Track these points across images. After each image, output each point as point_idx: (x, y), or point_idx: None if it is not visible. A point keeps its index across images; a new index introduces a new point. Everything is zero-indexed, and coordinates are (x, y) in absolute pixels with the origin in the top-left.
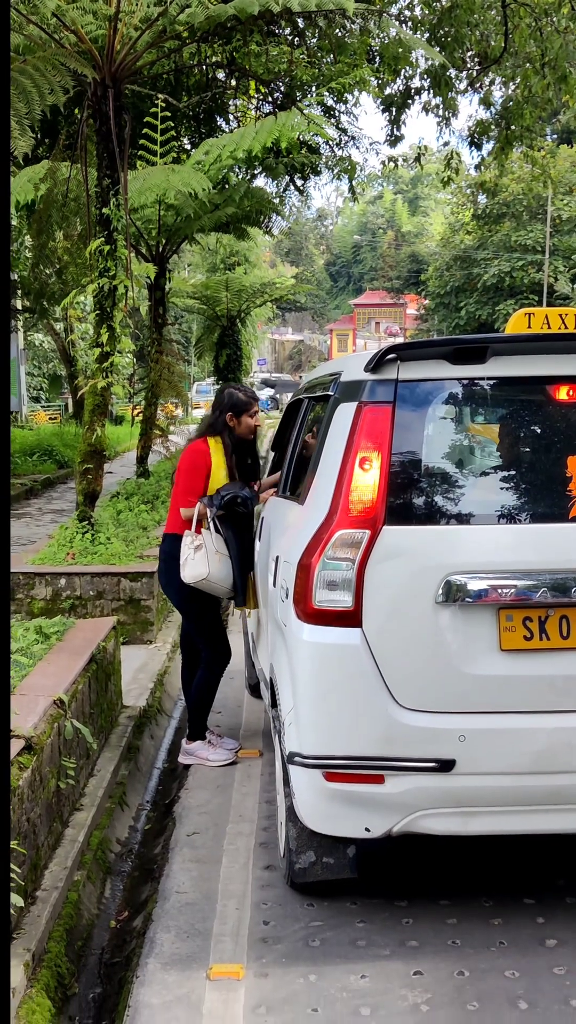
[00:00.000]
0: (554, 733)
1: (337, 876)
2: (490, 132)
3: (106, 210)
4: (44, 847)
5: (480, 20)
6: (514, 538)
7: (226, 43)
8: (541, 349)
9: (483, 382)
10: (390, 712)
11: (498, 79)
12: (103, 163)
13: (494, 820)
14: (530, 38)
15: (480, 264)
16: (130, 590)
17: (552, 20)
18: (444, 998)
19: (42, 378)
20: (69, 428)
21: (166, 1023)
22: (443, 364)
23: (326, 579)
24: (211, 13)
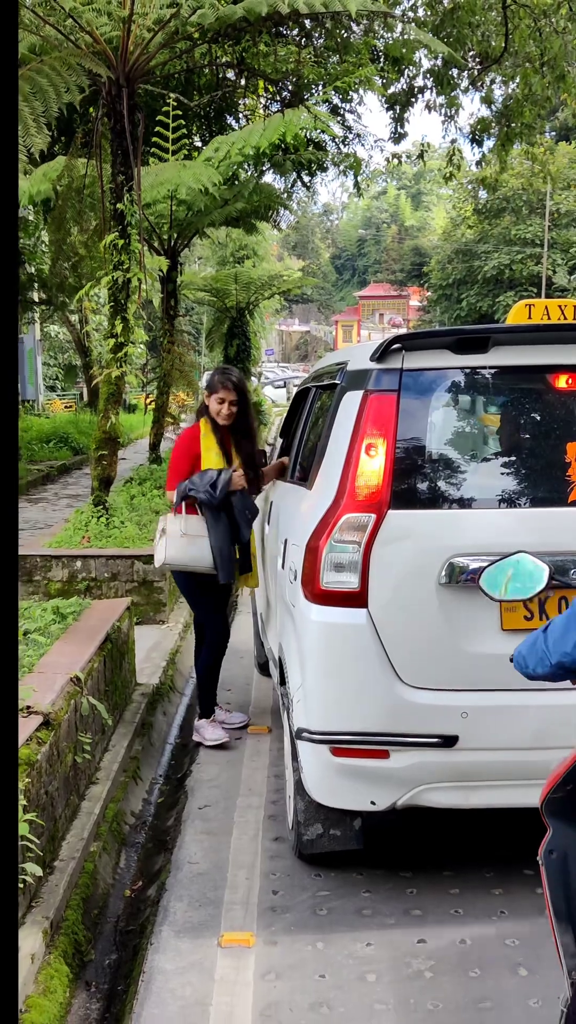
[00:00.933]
0: (553, 710)
1: (343, 848)
2: (491, 129)
3: (120, 205)
4: (61, 819)
5: (481, 21)
6: (515, 522)
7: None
8: (541, 339)
9: (485, 371)
10: (395, 689)
11: (498, 78)
12: (117, 160)
13: (495, 794)
14: (529, 38)
15: (481, 257)
16: (143, 572)
17: (551, 21)
18: (447, 965)
19: (58, 368)
20: (84, 416)
21: (179, 988)
22: (446, 353)
23: (333, 561)
24: (221, 14)
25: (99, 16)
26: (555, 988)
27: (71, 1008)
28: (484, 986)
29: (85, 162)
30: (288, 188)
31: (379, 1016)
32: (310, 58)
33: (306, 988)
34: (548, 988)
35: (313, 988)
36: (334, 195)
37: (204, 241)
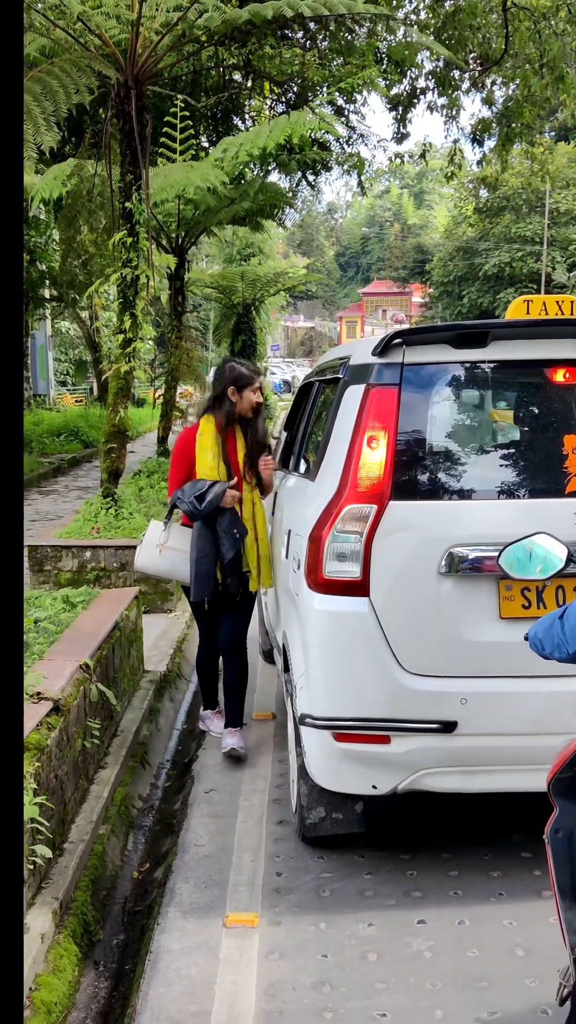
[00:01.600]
0: (550, 697)
1: (346, 831)
2: (491, 130)
3: (129, 204)
4: (71, 802)
5: (482, 23)
6: (513, 512)
7: (242, 46)
8: (539, 334)
9: (484, 365)
10: (396, 676)
11: (499, 79)
12: (126, 160)
13: (494, 778)
14: (529, 40)
15: (481, 255)
16: None
17: (550, 23)
18: (446, 945)
19: (68, 363)
20: (94, 410)
21: (185, 967)
22: (446, 348)
23: (335, 551)
24: (227, 17)
25: (108, 19)
26: (551, 968)
27: (80, 986)
28: (482, 966)
29: (94, 162)
30: (293, 187)
31: (380, 995)
32: (315, 60)
33: (309, 967)
34: (544, 968)
35: (316, 967)
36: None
37: (211, 239)
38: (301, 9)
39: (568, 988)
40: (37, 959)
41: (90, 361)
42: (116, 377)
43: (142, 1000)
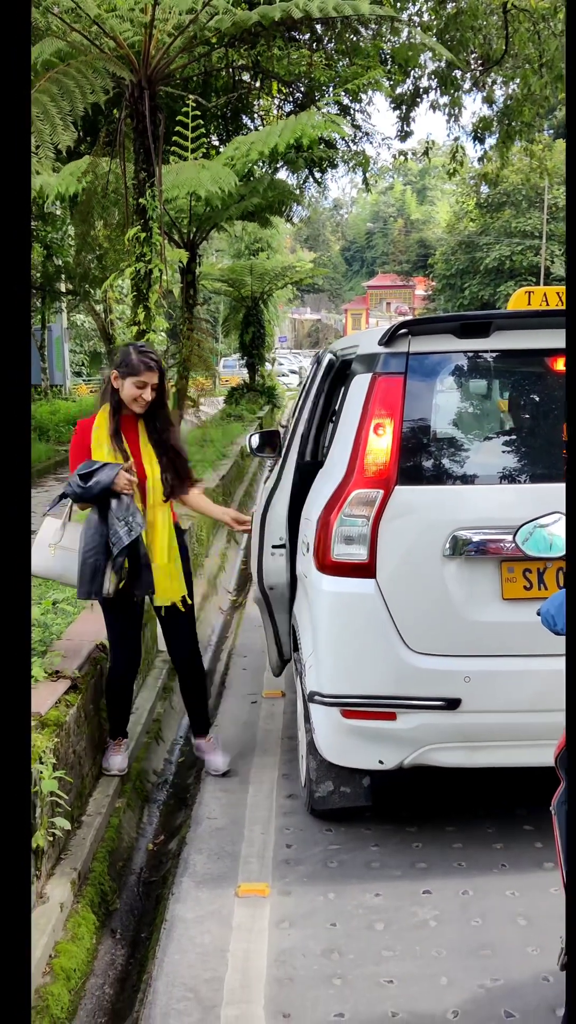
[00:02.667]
0: (551, 675)
1: (353, 804)
2: (492, 128)
3: (142, 201)
4: (88, 777)
5: (483, 25)
6: (515, 497)
7: (251, 48)
8: (540, 324)
9: (487, 354)
10: (401, 655)
11: (499, 79)
12: (140, 158)
13: (497, 754)
14: (529, 41)
15: (483, 249)
16: None
17: (549, 24)
18: (450, 914)
19: (84, 355)
20: None
21: (199, 935)
22: (450, 338)
23: (343, 534)
24: (237, 19)
25: (123, 22)
26: (552, 936)
27: (98, 954)
28: (486, 934)
29: (109, 160)
30: (300, 184)
31: (387, 962)
32: (321, 61)
33: (318, 935)
34: (546, 936)
35: (325, 935)
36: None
37: (221, 234)
38: (309, 10)
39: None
40: (56, 927)
41: (104, 353)
42: None
43: (158, 967)
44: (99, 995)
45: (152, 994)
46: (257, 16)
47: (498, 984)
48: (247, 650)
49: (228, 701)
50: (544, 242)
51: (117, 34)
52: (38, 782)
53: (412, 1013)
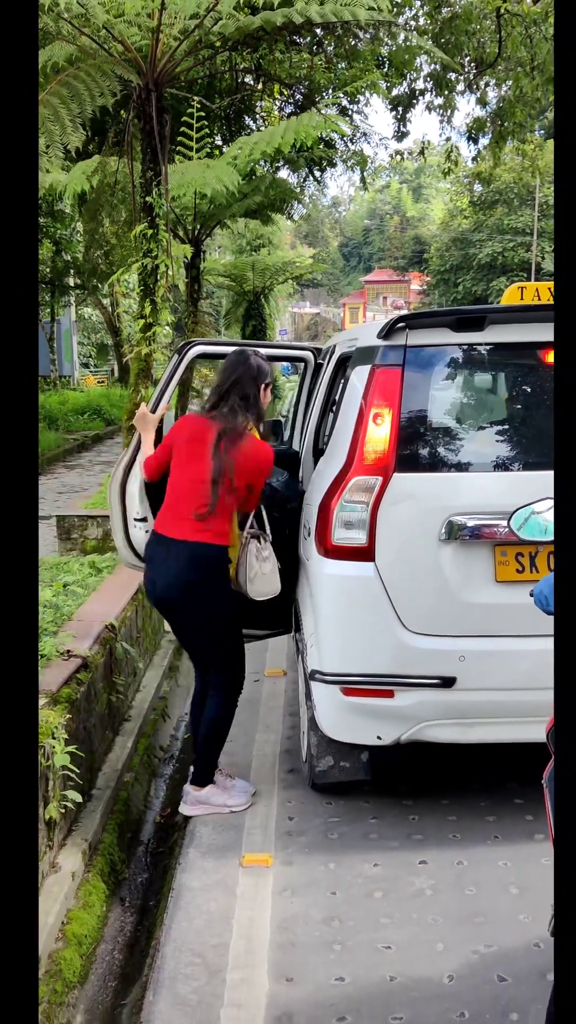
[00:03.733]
0: (542, 654)
1: (352, 778)
2: (485, 128)
3: (149, 199)
4: (98, 752)
5: (477, 29)
6: (508, 484)
7: (254, 51)
8: (532, 318)
9: (481, 347)
10: (399, 635)
11: (492, 81)
12: (146, 157)
13: (491, 730)
14: (521, 45)
15: (476, 245)
16: None
17: (540, 29)
18: (446, 884)
19: (91, 347)
20: (115, 390)
21: (205, 903)
22: (446, 332)
23: (343, 519)
24: (240, 24)
25: (130, 27)
26: (543, 904)
27: (108, 921)
28: (479, 903)
29: (117, 160)
30: (301, 183)
31: (384, 929)
32: (321, 64)
33: (319, 903)
34: (537, 905)
35: (325, 903)
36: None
37: (225, 231)
38: (310, 14)
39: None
40: (68, 895)
41: (111, 345)
42: (137, 359)
43: (165, 933)
44: (109, 960)
45: (160, 959)
46: (260, 21)
47: (491, 950)
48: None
49: None
50: (535, 239)
51: (125, 38)
52: (51, 756)
53: (409, 977)
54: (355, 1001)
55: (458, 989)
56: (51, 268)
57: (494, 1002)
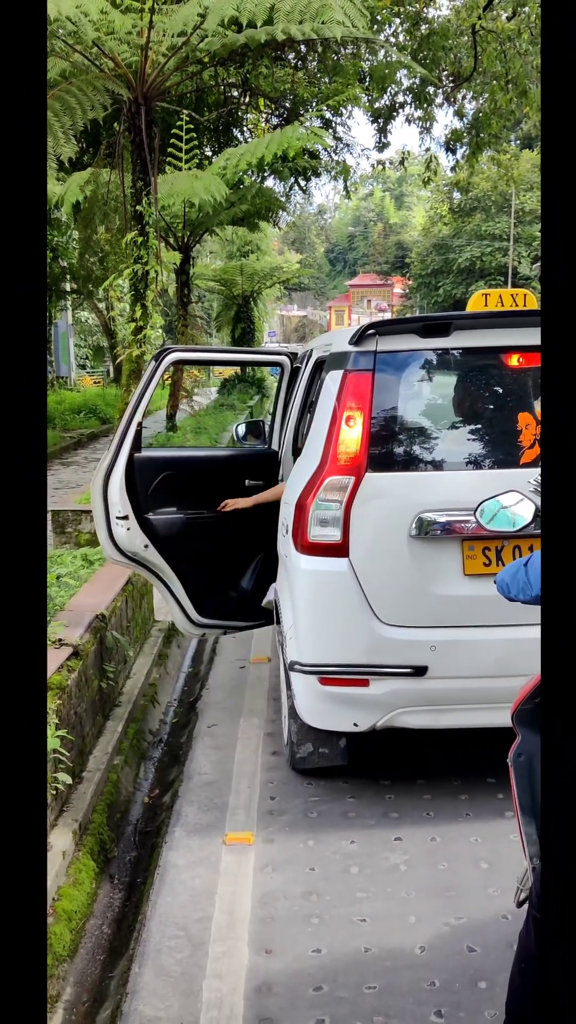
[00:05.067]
0: (509, 643)
1: (330, 763)
2: (463, 139)
3: (139, 208)
4: (89, 736)
5: (453, 45)
6: (475, 481)
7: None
8: (495, 324)
9: (447, 352)
10: (373, 627)
11: (469, 94)
12: (137, 168)
13: (461, 716)
14: (496, 60)
15: (455, 250)
16: None
17: (515, 44)
18: (419, 859)
19: (87, 349)
20: (110, 390)
21: (189, 880)
22: (414, 337)
23: (319, 517)
24: (226, 41)
25: (120, 44)
26: (511, 878)
27: (97, 897)
28: (451, 877)
29: (109, 170)
30: (287, 191)
31: (360, 903)
32: (305, 79)
33: (298, 879)
34: (506, 879)
35: (304, 879)
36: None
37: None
38: (291, 32)
39: (525, 893)
40: (59, 873)
41: (107, 346)
42: (129, 360)
43: (151, 908)
44: (98, 934)
45: (146, 933)
46: (244, 38)
47: (461, 922)
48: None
49: (218, 666)
50: (512, 244)
51: (116, 55)
52: None
53: (383, 948)
54: (331, 971)
55: (429, 959)
56: (48, 274)
57: (463, 971)
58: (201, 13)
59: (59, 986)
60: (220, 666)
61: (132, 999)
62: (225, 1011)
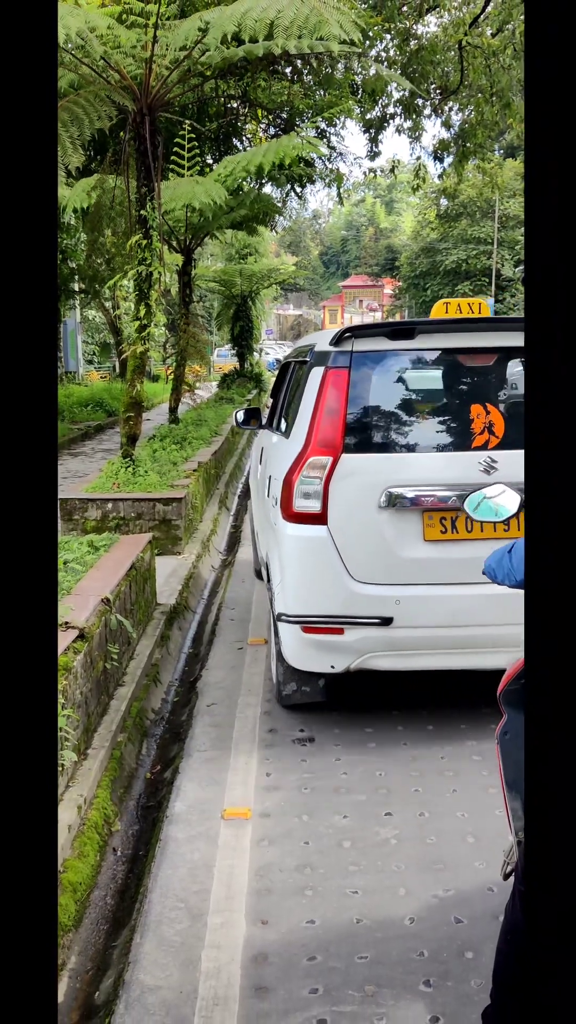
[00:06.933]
0: (463, 599)
1: (312, 700)
2: (450, 148)
3: (144, 212)
4: (94, 715)
5: (441, 59)
6: (435, 462)
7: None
8: (454, 329)
9: (412, 352)
10: (347, 584)
11: (456, 106)
12: (141, 175)
13: (422, 660)
14: (482, 74)
15: (442, 253)
16: (163, 512)
17: (499, 59)
18: (409, 834)
19: (95, 345)
20: (116, 385)
21: (189, 853)
22: (384, 340)
23: (302, 491)
24: (225, 55)
25: (126, 58)
26: (497, 852)
27: (101, 869)
28: (439, 851)
29: (115, 177)
30: (283, 197)
31: (353, 875)
32: (300, 92)
33: (293, 852)
34: (491, 852)
35: (299, 852)
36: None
37: (214, 241)
38: (287, 47)
39: (511, 866)
40: (65, 846)
41: (113, 343)
42: (133, 357)
43: (152, 880)
44: (102, 905)
45: (147, 904)
46: (243, 52)
47: (449, 895)
48: (235, 603)
49: (218, 648)
50: (496, 247)
51: (121, 68)
52: None
53: (374, 920)
54: (324, 942)
55: (418, 930)
56: (58, 275)
57: (451, 941)
58: (202, 28)
59: (64, 955)
60: (219, 647)
61: (133, 968)
62: (223, 980)
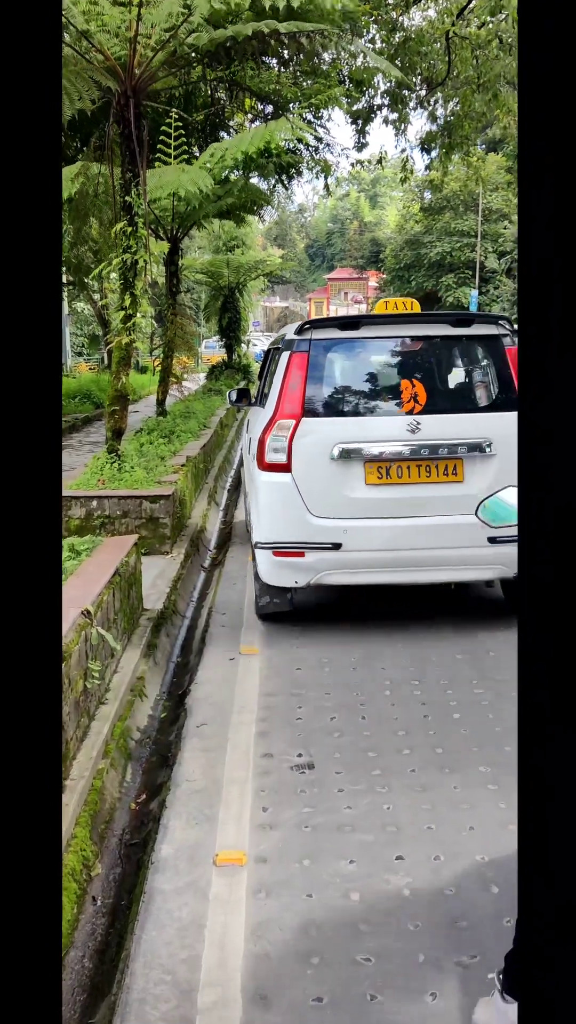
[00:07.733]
0: (394, 528)
1: (281, 610)
2: (436, 141)
3: (128, 198)
4: (73, 740)
5: (428, 51)
6: (373, 424)
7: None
8: (391, 322)
9: (358, 340)
10: (306, 518)
11: (442, 98)
12: (126, 161)
13: (365, 576)
14: (468, 65)
15: (427, 246)
16: (150, 510)
17: (486, 51)
18: (423, 881)
19: (83, 337)
20: (105, 377)
21: (177, 909)
22: (336, 330)
23: (272, 446)
24: (213, 36)
25: (110, 38)
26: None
27: (78, 924)
28: (460, 904)
29: (99, 164)
30: (271, 188)
31: (363, 937)
32: (288, 80)
33: (294, 907)
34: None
35: (301, 907)
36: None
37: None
38: (276, 26)
39: None
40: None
41: (101, 335)
42: (118, 348)
43: (135, 945)
44: (79, 969)
45: (129, 976)
46: (231, 32)
47: (475, 961)
48: (225, 607)
49: (208, 658)
50: (479, 240)
51: (104, 48)
52: None
53: (390, 996)
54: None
55: (440, 1008)
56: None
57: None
58: (187, 4)
59: None
60: (210, 657)
61: None
62: None
